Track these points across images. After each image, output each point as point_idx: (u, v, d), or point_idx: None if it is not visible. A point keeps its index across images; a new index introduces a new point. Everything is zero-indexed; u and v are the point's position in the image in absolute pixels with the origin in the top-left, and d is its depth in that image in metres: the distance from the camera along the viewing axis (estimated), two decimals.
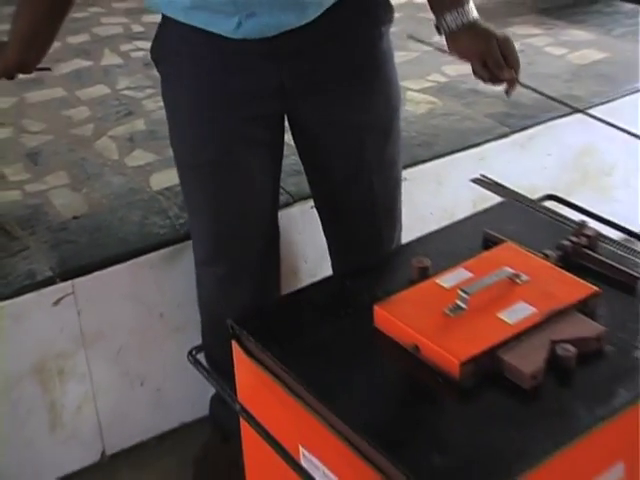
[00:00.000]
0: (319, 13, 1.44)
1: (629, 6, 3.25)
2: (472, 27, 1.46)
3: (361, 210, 1.67)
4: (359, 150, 1.60)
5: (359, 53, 1.54)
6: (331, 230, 1.74)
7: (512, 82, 1.48)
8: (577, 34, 3.02)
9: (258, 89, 1.50)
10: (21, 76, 1.62)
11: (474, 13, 1.47)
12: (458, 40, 1.47)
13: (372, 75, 1.57)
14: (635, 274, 1.36)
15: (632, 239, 1.54)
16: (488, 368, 1.16)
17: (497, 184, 1.65)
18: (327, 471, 1.19)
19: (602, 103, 2.52)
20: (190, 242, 1.84)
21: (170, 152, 1.63)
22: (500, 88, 1.51)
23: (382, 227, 1.70)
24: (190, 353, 1.32)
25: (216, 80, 1.50)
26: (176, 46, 1.51)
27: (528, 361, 1.15)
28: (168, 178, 2.12)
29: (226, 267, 1.66)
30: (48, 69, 1.70)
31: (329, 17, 1.45)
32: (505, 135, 2.35)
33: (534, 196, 1.63)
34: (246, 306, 1.64)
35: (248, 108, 1.51)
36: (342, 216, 1.70)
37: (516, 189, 1.64)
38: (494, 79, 1.48)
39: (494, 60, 1.45)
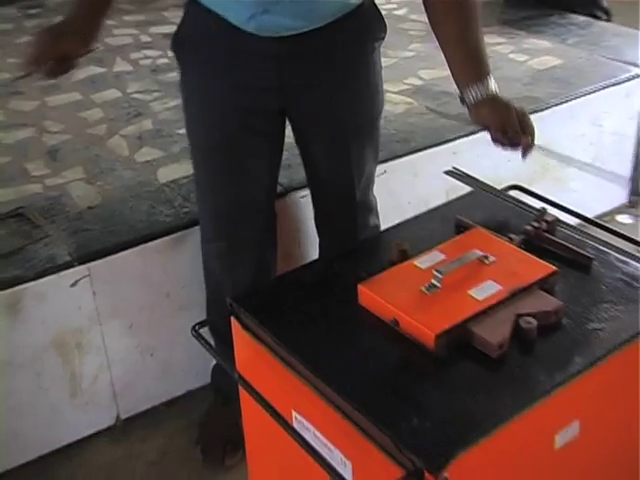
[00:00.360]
0: (327, 22, 1.44)
1: (581, 18, 3.27)
2: (493, 99, 1.45)
3: (342, 199, 1.67)
4: (344, 149, 1.60)
5: (354, 63, 1.54)
6: (318, 217, 1.74)
7: (528, 147, 1.48)
8: (536, 43, 3.02)
9: (259, 85, 1.49)
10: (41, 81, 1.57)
11: (494, 86, 1.45)
12: (480, 111, 1.45)
13: (363, 84, 1.58)
14: (589, 255, 1.35)
15: (586, 224, 1.54)
16: (460, 340, 1.16)
17: (467, 175, 1.65)
18: (317, 432, 1.18)
19: (558, 104, 2.52)
20: (193, 229, 1.83)
21: (174, 148, 1.62)
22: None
23: (358, 215, 1.71)
24: (193, 328, 1.31)
25: (224, 70, 1.49)
26: (192, 38, 1.52)
27: (495, 333, 1.15)
28: (173, 172, 2.12)
29: (227, 243, 1.66)
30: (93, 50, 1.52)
31: (333, 28, 1.46)
32: (475, 132, 2.33)
33: (500, 186, 1.63)
34: (246, 281, 1.64)
35: (249, 101, 1.51)
36: (326, 204, 1.70)
37: (484, 180, 1.63)
38: (513, 144, 1.47)
39: (513, 129, 1.44)
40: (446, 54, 1.46)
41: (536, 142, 1.48)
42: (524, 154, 1.49)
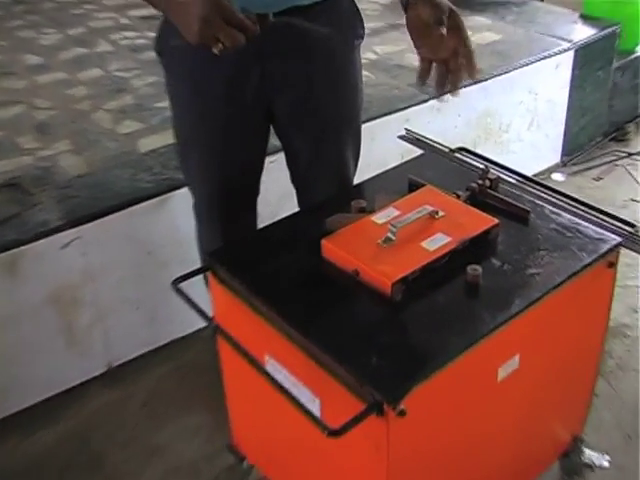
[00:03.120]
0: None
1: None
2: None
3: (322, 183, 1.58)
4: (327, 145, 1.53)
5: (336, 58, 1.45)
6: (301, 197, 1.66)
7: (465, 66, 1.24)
8: (478, 20, 2.98)
9: (243, 81, 1.40)
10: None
11: None
12: (417, 7, 1.23)
13: (344, 80, 1.49)
14: (527, 208, 1.35)
15: (524, 182, 1.53)
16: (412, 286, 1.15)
17: (419, 139, 1.62)
18: (288, 374, 1.17)
19: (499, 75, 2.50)
20: (172, 194, 1.82)
21: (153, 121, 1.58)
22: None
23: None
24: (174, 283, 1.28)
25: (207, 70, 1.38)
26: (173, 41, 1.32)
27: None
28: (153, 142, 2.07)
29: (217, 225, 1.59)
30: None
31: (315, 19, 1.36)
32: (425, 101, 2.32)
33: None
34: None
35: (234, 98, 1.41)
36: (308, 188, 1.61)
37: (434, 144, 1.61)
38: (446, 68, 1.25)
39: (441, 22, 1.21)
40: None
41: (478, 110, 1.44)
42: (455, 79, 1.26)
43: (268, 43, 1.34)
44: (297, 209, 1.59)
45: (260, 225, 1.56)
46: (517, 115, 2.64)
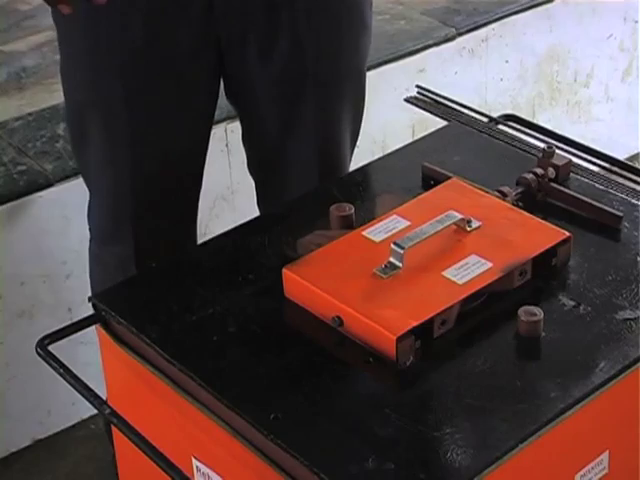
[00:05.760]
0: None
1: None
2: None
3: (299, 170, 1.67)
4: (301, 101, 1.60)
5: None
6: (263, 193, 1.74)
7: None
8: None
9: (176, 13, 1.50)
10: None
11: None
12: None
13: (346, 7, 1.60)
14: (617, 213, 1.39)
15: (613, 169, 1.57)
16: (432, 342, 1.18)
17: (439, 102, 1.66)
18: None
19: None
20: (31, 197, 1.83)
21: None
22: None
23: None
24: (41, 345, 1.30)
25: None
26: None
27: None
28: None
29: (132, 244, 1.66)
30: None
31: None
32: (450, 38, 2.36)
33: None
34: None
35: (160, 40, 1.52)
36: (275, 179, 1.70)
37: (464, 110, 1.65)
38: None
39: None
40: None
41: (538, 50, 1.51)
42: None
43: None
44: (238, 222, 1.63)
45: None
46: (604, 58, 2.70)
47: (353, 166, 1.55)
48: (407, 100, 1.68)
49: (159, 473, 1.14)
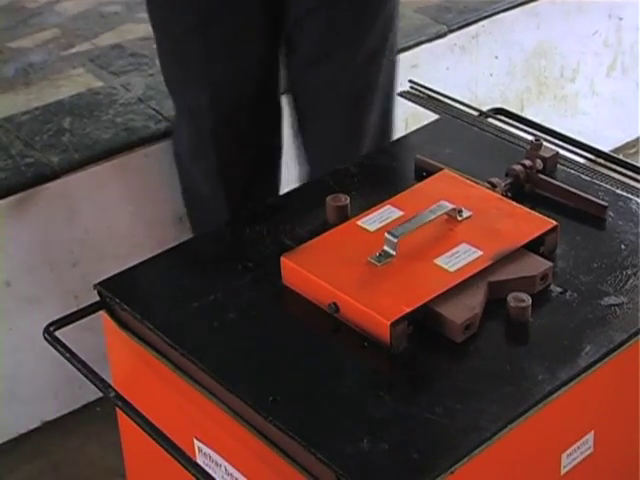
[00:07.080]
0: None
1: None
2: None
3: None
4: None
5: None
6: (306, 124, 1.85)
7: None
8: None
9: None
10: None
11: None
12: None
13: None
14: (602, 203, 1.39)
15: (599, 160, 1.58)
16: (423, 327, 1.19)
17: (431, 97, 1.67)
18: (230, 468, 1.20)
19: None
20: (40, 188, 1.83)
21: (6, 70, 1.60)
22: None
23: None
24: (48, 330, 1.30)
25: None
26: None
27: (461, 309, 1.18)
28: (6, 106, 2.09)
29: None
30: None
31: None
32: (441, 35, 2.36)
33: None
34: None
35: None
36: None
37: (455, 104, 1.66)
38: None
39: None
40: None
41: (527, 47, 1.52)
42: None
43: None
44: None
45: None
46: (589, 54, 2.70)
47: None
48: (400, 94, 1.69)
49: (162, 454, 1.15)
